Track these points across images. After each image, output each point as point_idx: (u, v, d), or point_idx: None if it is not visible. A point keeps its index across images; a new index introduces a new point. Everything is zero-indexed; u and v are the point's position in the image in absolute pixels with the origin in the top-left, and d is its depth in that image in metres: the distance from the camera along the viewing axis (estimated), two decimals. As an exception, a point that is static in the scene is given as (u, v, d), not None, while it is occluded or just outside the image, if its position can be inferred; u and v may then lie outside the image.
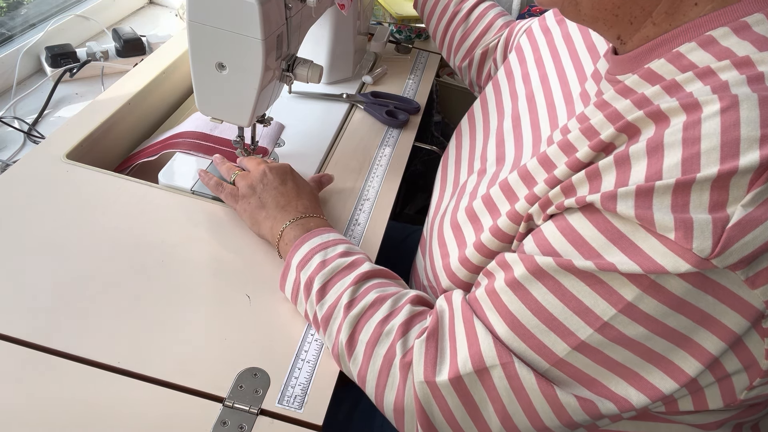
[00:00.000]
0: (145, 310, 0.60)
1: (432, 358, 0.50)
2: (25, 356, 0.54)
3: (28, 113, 0.92)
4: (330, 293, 0.57)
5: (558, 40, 0.72)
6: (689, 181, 0.39)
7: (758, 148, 0.38)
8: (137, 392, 0.53)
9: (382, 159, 0.87)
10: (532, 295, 0.46)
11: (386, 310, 0.55)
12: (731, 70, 0.41)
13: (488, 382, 0.47)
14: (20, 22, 1.06)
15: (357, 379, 0.55)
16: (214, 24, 0.62)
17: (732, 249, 0.38)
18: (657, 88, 0.44)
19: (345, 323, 0.55)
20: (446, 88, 1.29)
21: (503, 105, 0.74)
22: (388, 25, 1.19)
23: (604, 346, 0.44)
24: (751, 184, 0.38)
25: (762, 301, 0.40)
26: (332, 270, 0.58)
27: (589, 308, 0.43)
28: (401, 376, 0.51)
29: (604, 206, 0.42)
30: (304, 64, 0.73)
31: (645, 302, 0.41)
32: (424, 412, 0.50)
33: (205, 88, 0.69)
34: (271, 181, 0.68)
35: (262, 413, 0.53)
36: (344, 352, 0.55)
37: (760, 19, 0.43)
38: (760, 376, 0.44)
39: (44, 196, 0.70)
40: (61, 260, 0.63)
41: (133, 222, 0.69)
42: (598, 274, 0.42)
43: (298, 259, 0.61)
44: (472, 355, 0.48)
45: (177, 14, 1.27)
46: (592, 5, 0.48)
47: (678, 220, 0.39)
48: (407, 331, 0.53)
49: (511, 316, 0.47)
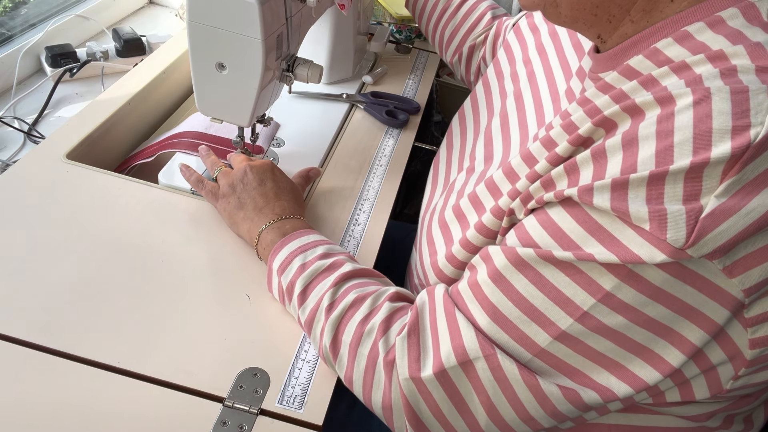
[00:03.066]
0: (145, 310, 0.60)
1: (415, 353, 0.50)
2: (25, 356, 0.54)
3: (28, 113, 0.92)
4: (311, 297, 0.57)
5: (545, 38, 0.72)
6: (663, 173, 0.39)
7: (730, 139, 0.38)
8: (137, 392, 0.53)
9: (382, 159, 0.87)
10: (513, 286, 0.47)
11: (366, 309, 0.55)
12: (705, 63, 0.42)
13: (473, 375, 0.48)
14: (20, 22, 1.06)
15: (344, 380, 0.55)
16: (214, 24, 0.62)
17: (706, 239, 0.38)
18: (634, 83, 0.45)
19: (327, 326, 0.55)
20: (446, 88, 1.29)
21: (492, 103, 0.75)
22: (388, 25, 1.19)
23: (585, 335, 0.44)
24: (723, 175, 0.38)
25: (740, 290, 0.41)
26: (312, 273, 0.58)
27: (569, 298, 0.44)
28: (386, 374, 0.51)
29: (581, 199, 0.43)
30: (304, 64, 0.73)
31: (623, 292, 0.42)
32: (412, 409, 0.50)
33: (205, 88, 0.69)
34: (251, 181, 0.68)
35: (262, 413, 0.53)
36: (329, 354, 0.55)
37: (734, 14, 0.44)
38: (744, 366, 0.44)
39: (44, 196, 0.70)
40: (61, 260, 0.63)
41: (133, 222, 0.69)
42: (577, 264, 0.43)
43: (278, 263, 0.61)
44: (455, 348, 0.48)
45: (177, 14, 1.27)
46: (570, 6, 0.49)
47: (652, 212, 0.39)
48: (388, 328, 0.53)
49: (493, 307, 0.48)
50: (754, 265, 0.40)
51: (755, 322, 0.42)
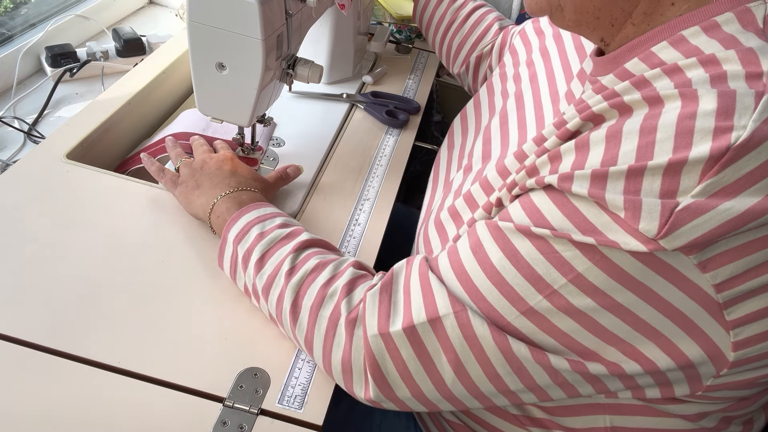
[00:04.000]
0: (145, 309, 0.60)
1: (385, 309, 0.50)
2: (25, 356, 0.54)
3: (28, 113, 0.92)
4: (269, 263, 0.57)
5: (549, 41, 0.73)
6: (641, 168, 0.40)
7: (710, 140, 0.38)
8: (137, 392, 0.53)
9: (382, 159, 0.87)
10: (488, 257, 0.47)
11: (328, 273, 0.55)
12: (697, 67, 0.42)
13: (441, 332, 0.48)
14: (20, 22, 1.06)
15: (304, 345, 0.55)
16: (214, 24, 0.62)
17: (680, 231, 0.38)
18: (626, 83, 0.45)
19: (287, 290, 0.55)
20: (446, 88, 1.29)
21: (494, 103, 0.75)
22: (388, 25, 1.19)
23: (552, 314, 0.45)
24: (702, 175, 0.38)
25: (711, 284, 0.41)
26: (271, 240, 0.58)
27: (540, 276, 0.44)
28: (347, 333, 0.51)
29: (560, 186, 0.43)
30: (304, 64, 0.73)
31: (594, 274, 0.42)
32: (377, 365, 0.50)
33: (205, 88, 0.69)
34: (210, 167, 0.69)
35: (262, 413, 0.53)
36: (288, 318, 0.55)
37: (730, 18, 0.44)
38: (727, 367, 0.44)
39: (44, 196, 0.70)
40: (61, 260, 0.63)
41: (133, 222, 0.69)
42: (551, 241, 0.43)
43: (234, 233, 0.60)
44: (426, 304, 0.48)
45: (177, 14, 1.27)
46: (574, 9, 0.50)
47: (627, 201, 0.40)
48: (351, 291, 0.53)
49: (466, 276, 0.48)
50: (726, 262, 0.40)
51: (737, 324, 0.42)
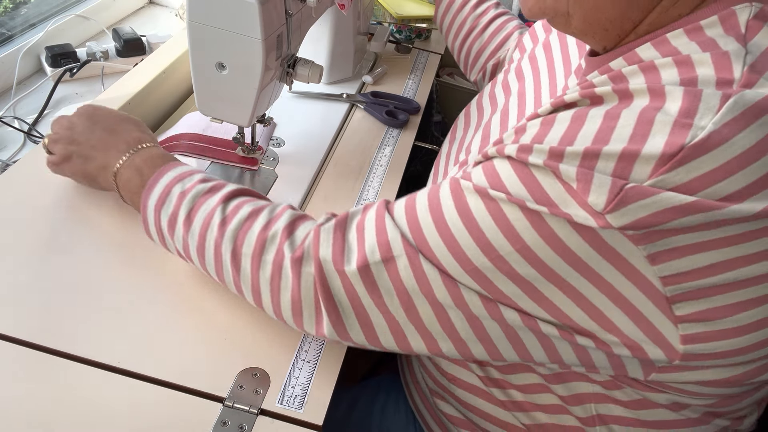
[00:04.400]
0: (145, 309, 0.60)
1: (339, 246, 0.50)
2: (25, 356, 0.54)
3: (28, 113, 0.92)
4: (197, 219, 0.55)
5: (553, 36, 0.72)
6: (596, 151, 0.40)
7: (666, 135, 0.38)
8: (137, 392, 0.53)
9: (382, 159, 0.87)
10: (441, 211, 0.47)
11: (265, 218, 0.54)
12: (671, 67, 0.42)
13: (394, 273, 0.48)
14: (20, 22, 1.06)
15: (251, 294, 0.54)
16: (214, 24, 0.62)
17: (627, 208, 0.39)
18: (603, 77, 0.46)
19: (224, 241, 0.53)
20: (446, 88, 1.29)
21: (495, 98, 0.75)
22: (388, 25, 1.19)
23: (496, 277, 0.45)
24: (654, 170, 0.38)
25: (658, 277, 0.41)
26: (194, 196, 0.56)
27: (488, 240, 0.44)
28: (294, 272, 0.51)
29: (518, 156, 0.44)
30: (304, 64, 0.73)
31: (540, 248, 0.43)
32: (332, 299, 0.50)
33: (205, 88, 0.69)
34: (81, 131, 0.65)
35: (262, 413, 0.53)
36: (230, 270, 0.54)
37: (713, 22, 0.43)
38: (678, 358, 0.44)
39: (44, 196, 0.70)
40: (61, 260, 0.63)
41: (133, 221, 0.68)
42: (504, 206, 0.44)
43: (154, 200, 0.58)
44: (380, 243, 0.49)
45: (177, 14, 1.27)
46: (584, 20, 0.49)
47: (580, 173, 0.40)
48: (292, 232, 0.53)
49: (418, 225, 0.48)
50: (677, 257, 0.40)
51: (686, 320, 0.43)
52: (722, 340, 0.43)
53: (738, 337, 0.43)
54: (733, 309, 0.42)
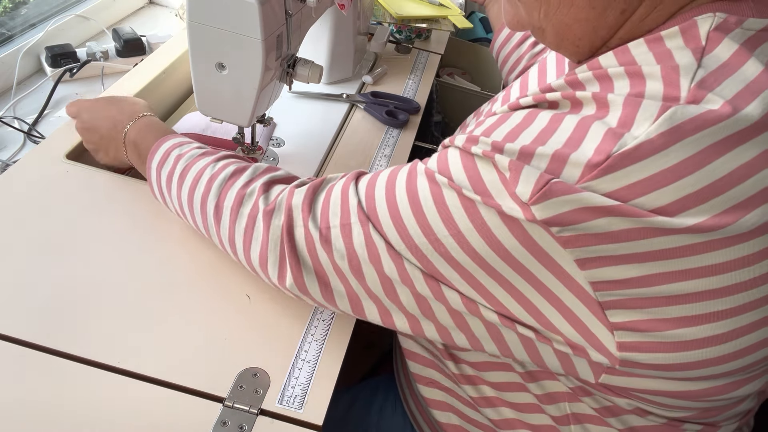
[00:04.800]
0: (145, 310, 0.60)
1: (308, 204, 0.53)
2: (25, 356, 0.54)
3: (28, 113, 0.92)
4: (189, 174, 0.61)
5: None
6: (531, 150, 0.41)
7: (597, 142, 0.39)
8: (137, 392, 0.53)
9: (382, 159, 0.87)
10: (395, 188, 0.49)
11: (247, 177, 0.59)
12: (623, 78, 0.42)
13: (347, 238, 0.50)
14: (20, 22, 1.06)
15: (228, 244, 0.59)
16: (214, 24, 0.62)
17: (550, 201, 0.39)
18: (561, 80, 0.46)
19: (210, 195, 0.58)
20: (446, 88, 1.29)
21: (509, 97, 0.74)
22: (388, 25, 1.19)
23: (433, 256, 0.46)
24: (582, 176, 0.39)
25: (588, 282, 0.41)
26: (189, 157, 0.62)
27: (428, 221, 0.46)
28: (264, 224, 0.54)
29: (464, 147, 0.45)
30: (304, 64, 0.73)
31: (473, 237, 0.43)
32: (295, 252, 0.53)
33: (205, 88, 0.69)
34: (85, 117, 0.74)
35: (262, 413, 0.53)
36: (212, 221, 0.59)
37: (674, 33, 0.42)
38: (618, 364, 0.44)
39: (44, 196, 0.70)
40: (61, 260, 0.63)
41: (133, 222, 0.69)
42: (445, 190, 0.45)
43: (156, 160, 0.64)
44: (342, 209, 0.51)
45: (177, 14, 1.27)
46: (555, 35, 0.50)
47: (512, 163, 0.41)
48: (268, 189, 0.57)
49: (372, 197, 0.50)
50: (607, 265, 0.40)
51: (619, 328, 0.42)
52: (661, 352, 0.43)
53: (681, 352, 0.43)
54: (670, 324, 0.41)
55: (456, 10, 1.28)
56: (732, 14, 0.42)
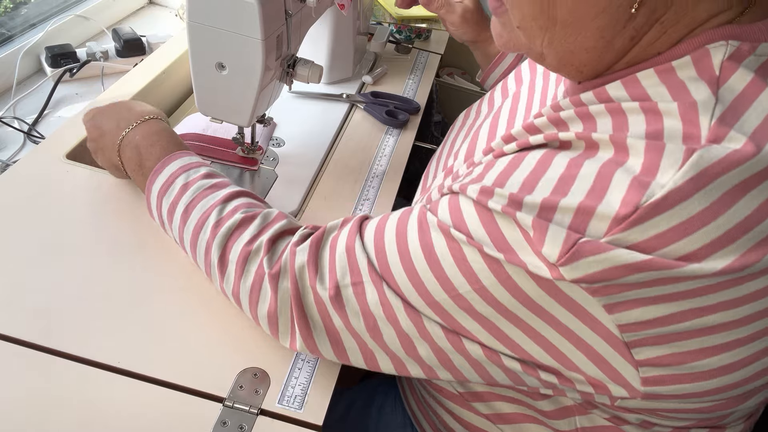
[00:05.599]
0: (145, 309, 0.60)
1: (313, 264, 0.52)
2: (25, 356, 0.54)
3: (28, 113, 0.92)
4: (193, 214, 0.58)
5: None
6: (553, 203, 0.39)
7: (623, 193, 0.38)
8: (137, 392, 0.53)
9: (382, 159, 0.87)
10: (407, 243, 0.48)
11: (254, 229, 0.56)
12: (638, 114, 0.41)
13: (361, 297, 0.49)
14: (20, 22, 1.06)
15: (232, 297, 0.57)
16: (214, 24, 0.62)
17: (580, 263, 0.38)
18: (571, 112, 0.45)
19: (214, 244, 0.56)
20: (446, 88, 1.29)
21: (493, 103, 0.74)
22: (388, 25, 1.19)
23: (455, 311, 0.45)
24: (609, 229, 0.38)
25: (615, 325, 0.40)
26: (195, 191, 0.59)
27: (448, 277, 0.45)
28: (272, 287, 0.53)
29: (478, 199, 0.43)
30: (304, 64, 0.73)
31: (498, 291, 0.43)
32: (304, 316, 0.52)
33: (205, 88, 0.69)
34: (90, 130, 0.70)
35: (262, 413, 0.53)
36: (216, 272, 0.57)
37: (686, 63, 0.41)
38: (639, 397, 0.44)
39: (44, 196, 0.70)
40: (61, 260, 0.63)
41: (133, 222, 0.68)
42: (464, 247, 0.44)
43: (159, 185, 0.61)
44: (351, 267, 0.50)
45: (177, 14, 1.27)
46: (557, 61, 0.48)
47: (536, 222, 0.40)
48: (273, 245, 0.55)
49: (384, 255, 0.49)
50: (633, 308, 0.40)
51: (645, 364, 0.42)
52: (685, 383, 0.43)
53: (702, 381, 0.43)
54: (693, 356, 0.41)
55: (456, 10, 1.28)
56: (744, 40, 0.41)
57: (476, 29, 0.86)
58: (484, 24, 0.87)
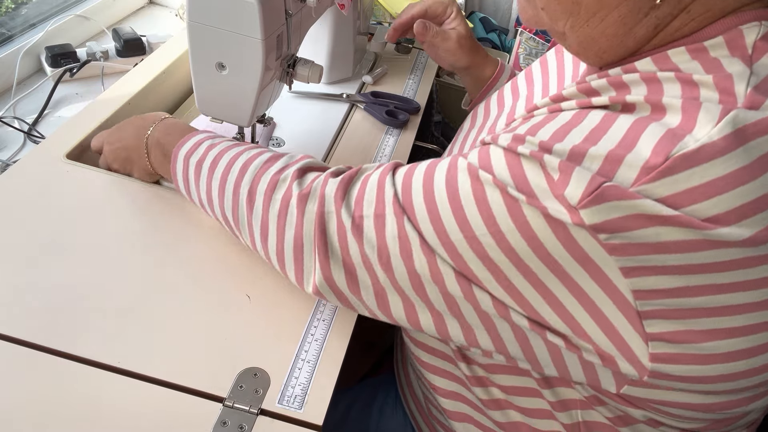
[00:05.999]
0: (144, 309, 0.60)
1: (343, 192, 0.52)
2: (25, 356, 0.54)
3: (28, 113, 0.92)
4: (221, 162, 0.60)
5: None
6: (583, 150, 0.39)
7: (654, 143, 0.37)
8: (137, 392, 0.53)
9: (382, 159, 0.87)
10: (433, 181, 0.48)
11: (282, 163, 0.58)
12: (674, 83, 0.41)
13: (380, 229, 0.49)
14: (20, 22, 1.06)
15: (260, 232, 0.57)
16: (214, 24, 0.62)
17: (601, 206, 0.38)
18: (603, 81, 0.45)
19: (244, 180, 0.57)
20: (446, 88, 1.29)
21: (504, 101, 0.74)
22: (388, 25, 1.19)
23: (467, 254, 0.45)
24: (638, 178, 0.37)
25: (630, 290, 0.40)
26: (221, 148, 0.61)
27: (466, 218, 0.45)
28: (298, 209, 0.53)
29: (509, 146, 0.43)
30: (304, 64, 0.73)
31: (514, 237, 0.42)
32: (325, 239, 0.52)
33: (205, 88, 0.69)
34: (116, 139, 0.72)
35: (262, 413, 0.53)
36: (245, 207, 0.57)
37: (719, 43, 0.42)
38: (647, 375, 0.43)
39: (44, 196, 0.70)
40: (61, 260, 0.63)
41: (133, 222, 0.69)
42: (487, 188, 0.44)
43: (185, 150, 0.63)
44: (377, 198, 0.50)
45: (177, 14, 1.27)
46: (578, 45, 0.48)
47: (563, 164, 0.39)
48: (302, 175, 0.56)
49: (409, 189, 0.49)
50: (651, 274, 0.39)
51: (655, 338, 0.42)
52: (693, 365, 0.42)
53: (712, 364, 0.42)
54: (705, 336, 0.41)
55: (456, 10, 1.28)
56: None
57: (470, 54, 0.87)
58: (477, 48, 0.88)
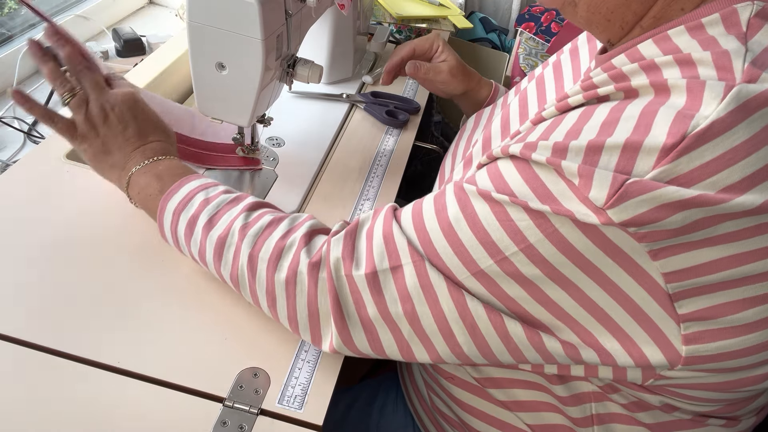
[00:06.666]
0: (145, 310, 0.60)
1: (349, 253, 0.51)
2: (25, 356, 0.54)
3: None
4: (219, 223, 0.56)
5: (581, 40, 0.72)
6: (599, 144, 0.40)
7: (668, 126, 0.39)
8: (137, 392, 0.53)
9: (382, 159, 0.87)
10: (448, 217, 0.48)
11: (285, 227, 0.55)
12: (673, 66, 0.42)
13: (400, 281, 0.49)
14: (20, 22, 1.06)
15: (266, 300, 0.54)
16: (214, 24, 0.62)
17: (627, 204, 0.39)
18: (605, 76, 0.46)
19: (243, 244, 0.54)
20: (446, 88, 1.29)
21: (507, 99, 0.74)
22: (388, 25, 1.19)
23: (501, 279, 0.45)
24: (657, 161, 0.39)
25: (660, 273, 0.41)
26: (218, 204, 0.57)
27: (493, 241, 0.45)
28: (310, 277, 0.52)
29: (522, 154, 0.44)
30: (304, 64, 0.73)
31: (545, 247, 0.43)
32: (339, 306, 0.51)
33: (205, 88, 0.69)
34: (115, 125, 0.63)
35: (262, 413, 0.53)
36: (246, 274, 0.54)
37: (715, 20, 0.43)
38: (681, 363, 0.44)
39: (44, 196, 0.70)
40: (61, 260, 0.63)
41: (133, 222, 0.68)
42: (508, 208, 0.44)
43: (174, 204, 0.58)
44: (389, 251, 0.49)
45: (177, 14, 1.27)
46: (587, 8, 0.50)
47: (582, 169, 0.40)
48: (309, 241, 0.54)
49: (425, 231, 0.49)
50: (678, 253, 0.40)
51: (688, 319, 0.43)
52: (725, 339, 0.43)
53: (741, 336, 0.43)
54: (735, 306, 0.42)
55: (456, 10, 1.28)
56: None
57: (464, 81, 0.87)
58: (470, 74, 0.89)
